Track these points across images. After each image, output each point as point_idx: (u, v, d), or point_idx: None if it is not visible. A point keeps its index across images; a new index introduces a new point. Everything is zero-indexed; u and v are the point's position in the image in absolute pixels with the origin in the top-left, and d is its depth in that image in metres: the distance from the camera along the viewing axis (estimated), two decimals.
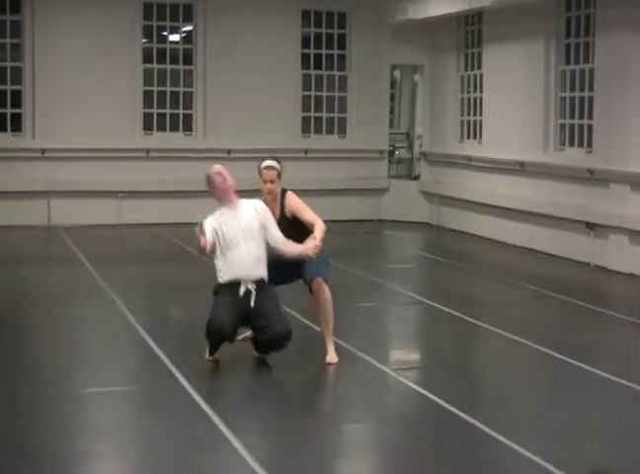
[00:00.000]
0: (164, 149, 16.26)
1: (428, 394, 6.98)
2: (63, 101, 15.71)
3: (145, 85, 16.37)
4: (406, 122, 20.17)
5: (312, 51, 17.25)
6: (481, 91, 15.85)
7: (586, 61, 13.36)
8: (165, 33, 16.68)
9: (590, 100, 13.26)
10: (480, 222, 15.49)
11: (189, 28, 16.67)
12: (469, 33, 16.35)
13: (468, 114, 16.38)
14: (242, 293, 7.48)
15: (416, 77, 18.84)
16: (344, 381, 7.54)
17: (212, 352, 7.62)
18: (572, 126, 13.76)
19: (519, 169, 14.42)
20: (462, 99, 16.56)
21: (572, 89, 13.74)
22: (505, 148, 14.82)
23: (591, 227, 12.87)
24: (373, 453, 6.03)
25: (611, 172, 12.47)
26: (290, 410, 6.76)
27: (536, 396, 7.34)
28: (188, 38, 16.72)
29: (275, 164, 7.88)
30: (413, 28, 16.92)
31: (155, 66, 16.47)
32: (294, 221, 7.81)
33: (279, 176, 7.87)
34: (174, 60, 16.58)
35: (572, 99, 13.75)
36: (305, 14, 17.13)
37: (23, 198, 15.53)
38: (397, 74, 19.44)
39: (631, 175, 12.16)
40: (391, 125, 19.04)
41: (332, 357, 7.71)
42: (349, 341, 8.29)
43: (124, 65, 16.06)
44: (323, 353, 7.72)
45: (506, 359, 8.35)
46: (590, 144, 13.25)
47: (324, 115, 17.43)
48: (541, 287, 11.14)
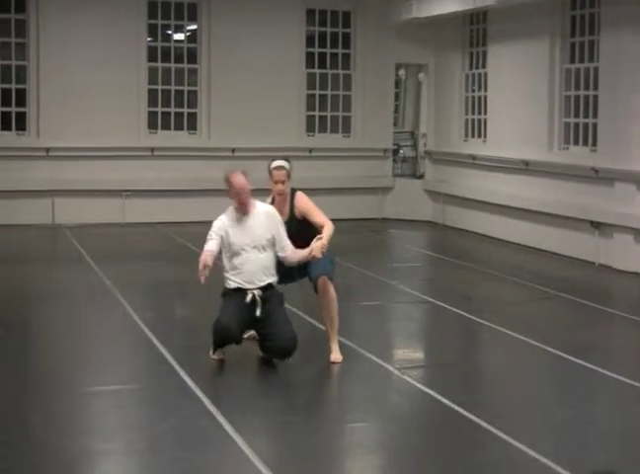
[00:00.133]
0: (168, 148, 16.25)
1: (432, 393, 6.98)
2: (68, 100, 15.71)
3: (150, 84, 16.38)
4: (410, 121, 20.15)
5: (317, 50, 17.24)
6: (486, 90, 15.84)
7: (590, 60, 13.35)
8: (169, 31, 16.70)
9: (594, 98, 13.24)
10: (484, 221, 15.48)
11: (193, 26, 16.67)
12: (474, 31, 16.34)
13: (473, 112, 16.38)
14: (249, 301, 7.47)
15: (420, 76, 18.82)
16: (348, 380, 7.54)
17: (217, 350, 7.62)
18: (577, 125, 13.75)
19: (523, 167, 14.41)
20: (467, 98, 16.55)
21: (577, 87, 13.73)
22: (509, 147, 14.82)
23: (595, 226, 12.85)
24: (378, 452, 6.02)
25: (616, 171, 12.45)
26: (295, 409, 6.76)
27: (541, 395, 7.33)
28: (192, 36, 16.73)
29: (285, 164, 7.78)
30: (418, 26, 16.92)
31: (160, 65, 16.47)
32: (303, 222, 7.74)
33: (288, 176, 7.77)
34: (178, 59, 16.58)
35: (577, 97, 13.74)
36: (310, 13, 17.13)
37: (27, 197, 15.54)
38: (402, 73, 19.42)
39: (636, 173, 12.15)
40: (396, 124, 19.07)
41: (336, 356, 7.70)
42: (353, 339, 8.28)
43: (129, 64, 16.06)
44: (327, 351, 7.72)
45: (511, 358, 8.33)
46: (594, 143, 13.25)
47: (328, 113, 17.43)
48: (546, 286, 11.12)
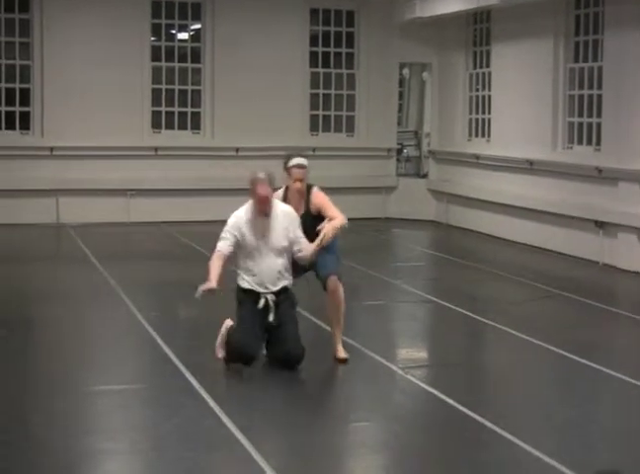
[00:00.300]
0: (172, 147, 16.26)
1: (436, 392, 6.97)
2: (72, 99, 15.72)
3: (154, 83, 16.38)
4: (414, 121, 20.15)
5: (320, 49, 17.24)
6: (489, 89, 15.83)
7: (595, 59, 13.33)
8: (173, 31, 16.70)
9: (598, 98, 13.23)
10: (488, 220, 15.47)
11: (197, 26, 16.68)
12: (478, 31, 16.32)
13: (477, 112, 16.36)
14: (261, 306, 7.45)
15: (424, 75, 18.82)
16: (352, 380, 7.53)
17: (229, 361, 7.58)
18: (580, 124, 13.73)
19: (527, 167, 14.39)
20: (471, 97, 16.54)
21: (581, 87, 13.71)
22: (513, 146, 14.80)
23: (599, 225, 12.84)
24: (382, 452, 6.02)
25: (620, 170, 12.44)
26: (299, 408, 6.77)
27: (545, 394, 7.32)
28: (196, 36, 16.73)
29: (305, 162, 7.73)
30: (421, 26, 16.91)
31: (163, 64, 16.48)
32: (318, 217, 7.68)
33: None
34: (182, 58, 16.59)
35: (580, 97, 13.72)
36: (314, 12, 17.13)
37: (31, 197, 15.55)
38: (406, 72, 19.41)
39: None
40: (399, 123, 19.05)
41: (342, 354, 7.69)
42: (357, 339, 8.28)
43: (133, 63, 16.06)
44: (331, 350, 7.72)
45: (515, 358, 8.32)
46: (598, 142, 13.23)
47: (332, 113, 17.42)
48: (550, 286, 11.11)
